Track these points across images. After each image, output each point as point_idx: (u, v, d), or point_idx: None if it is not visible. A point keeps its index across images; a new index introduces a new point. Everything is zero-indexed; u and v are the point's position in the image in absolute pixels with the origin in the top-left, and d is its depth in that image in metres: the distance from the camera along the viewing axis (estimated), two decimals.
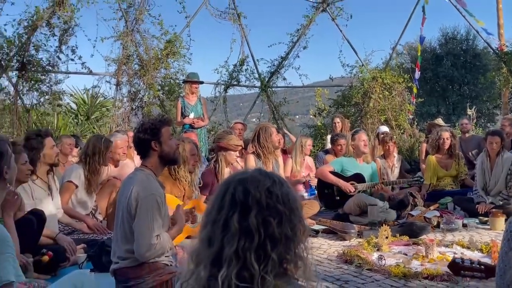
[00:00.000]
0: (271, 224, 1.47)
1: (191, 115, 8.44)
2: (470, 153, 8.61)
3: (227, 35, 12.59)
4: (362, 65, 12.75)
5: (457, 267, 2.67)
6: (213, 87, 12.87)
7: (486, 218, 6.35)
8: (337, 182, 6.79)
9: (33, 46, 9.99)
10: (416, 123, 12.54)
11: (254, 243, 1.45)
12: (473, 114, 12.28)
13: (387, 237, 5.28)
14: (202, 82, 9.04)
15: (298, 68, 13.17)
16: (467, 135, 9.25)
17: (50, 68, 10.21)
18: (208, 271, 1.49)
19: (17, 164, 3.06)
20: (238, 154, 6.26)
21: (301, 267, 1.53)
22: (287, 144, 9.11)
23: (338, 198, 6.84)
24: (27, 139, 4.83)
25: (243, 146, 6.38)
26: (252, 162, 6.54)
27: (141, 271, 3.40)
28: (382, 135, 8.78)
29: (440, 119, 10.51)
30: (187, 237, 4.52)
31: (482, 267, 2.62)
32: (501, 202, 6.63)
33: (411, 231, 5.73)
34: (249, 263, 1.44)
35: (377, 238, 5.34)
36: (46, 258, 4.28)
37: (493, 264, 3.13)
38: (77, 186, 5.52)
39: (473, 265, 2.64)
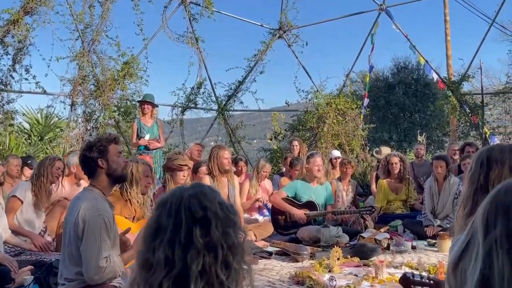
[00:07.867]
0: (230, 234, 1.45)
1: (147, 137, 8.24)
2: (420, 178, 8.76)
3: (185, 58, 12.63)
4: (317, 90, 12.96)
5: (408, 281, 2.70)
6: (170, 109, 12.88)
7: (434, 241, 6.47)
8: (290, 210, 6.76)
9: None
10: (368, 149, 12.73)
11: (219, 256, 1.41)
12: (423, 140, 12.60)
13: (338, 259, 5.30)
14: (155, 105, 8.67)
15: (255, 92, 13.47)
16: (420, 159, 9.43)
17: (2, 86, 9.97)
18: None
19: None
20: (185, 175, 6.14)
21: (248, 275, 1.51)
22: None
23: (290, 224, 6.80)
24: None
25: (189, 166, 6.22)
26: (207, 182, 6.47)
27: None
28: (340, 159, 8.97)
29: (386, 147, 10.78)
30: None
31: (432, 281, 2.66)
32: (448, 225, 6.73)
33: (362, 253, 5.77)
34: (214, 276, 1.40)
35: (329, 259, 5.35)
36: None
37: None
38: (22, 202, 5.32)
39: (423, 279, 2.67)
